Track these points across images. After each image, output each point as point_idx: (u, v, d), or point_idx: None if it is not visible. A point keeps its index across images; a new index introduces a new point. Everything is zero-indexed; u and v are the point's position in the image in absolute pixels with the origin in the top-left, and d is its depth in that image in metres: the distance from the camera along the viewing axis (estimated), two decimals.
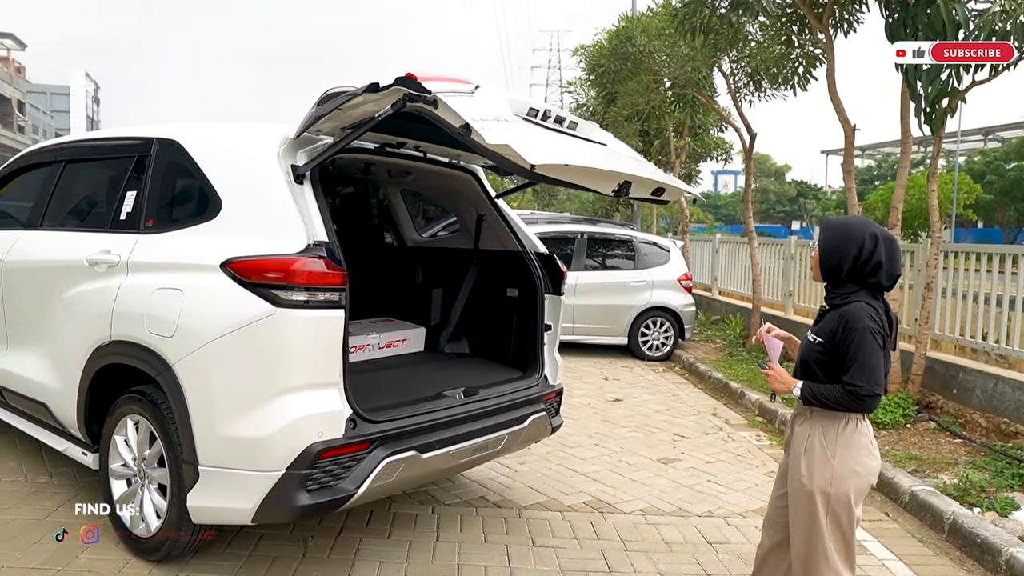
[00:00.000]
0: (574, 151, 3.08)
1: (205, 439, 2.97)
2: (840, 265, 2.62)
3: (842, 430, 2.63)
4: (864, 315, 2.55)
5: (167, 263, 3.26)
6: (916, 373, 6.58)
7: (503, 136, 2.61)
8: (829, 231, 2.69)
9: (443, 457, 3.28)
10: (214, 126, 3.62)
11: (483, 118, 2.69)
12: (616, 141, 3.77)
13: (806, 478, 2.64)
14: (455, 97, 2.73)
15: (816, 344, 2.65)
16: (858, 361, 2.52)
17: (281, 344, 2.83)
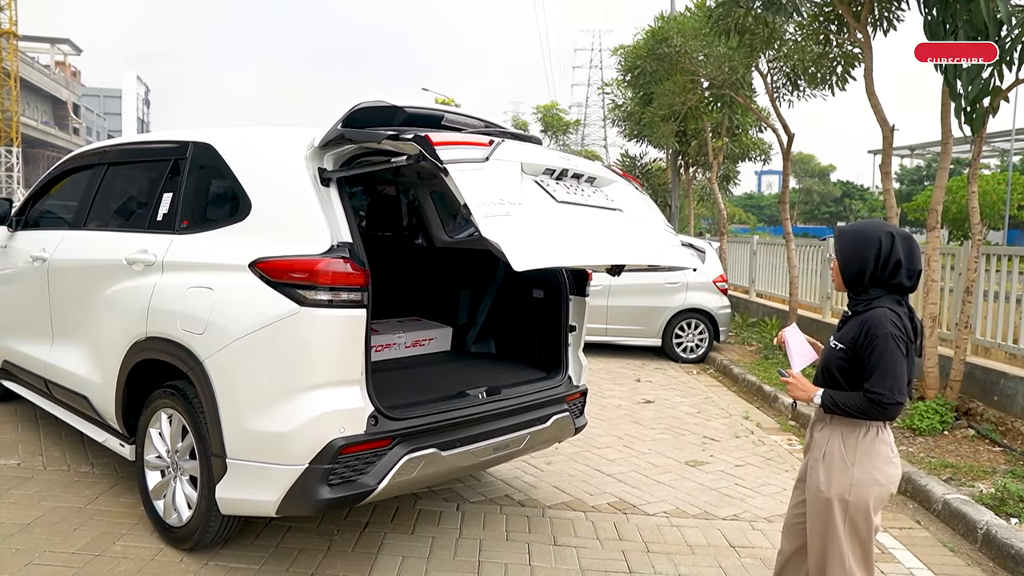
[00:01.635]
0: (574, 237, 3.05)
1: (232, 433, 3.07)
2: (862, 270, 2.58)
3: (862, 438, 2.59)
4: (887, 321, 2.50)
5: (199, 263, 3.38)
6: (955, 379, 6.44)
7: (498, 229, 2.65)
8: (844, 239, 2.66)
9: (464, 455, 3.34)
10: (246, 129, 3.73)
11: (485, 201, 2.72)
12: (635, 197, 3.73)
13: (824, 485, 2.62)
14: (464, 171, 2.76)
15: (838, 351, 2.62)
16: (880, 368, 2.48)
17: (305, 342, 2.92)
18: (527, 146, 3.41)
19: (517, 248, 2.63)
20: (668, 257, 3.48)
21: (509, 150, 3.08)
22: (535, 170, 3.19)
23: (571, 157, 3.56)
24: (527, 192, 3.02)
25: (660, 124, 12.70)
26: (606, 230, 3.27)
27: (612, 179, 3.68)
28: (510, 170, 3.00)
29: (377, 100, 3.30)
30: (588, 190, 3.42)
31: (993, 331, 6.73)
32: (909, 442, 5.94)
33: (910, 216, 44.92)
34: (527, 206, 2.90)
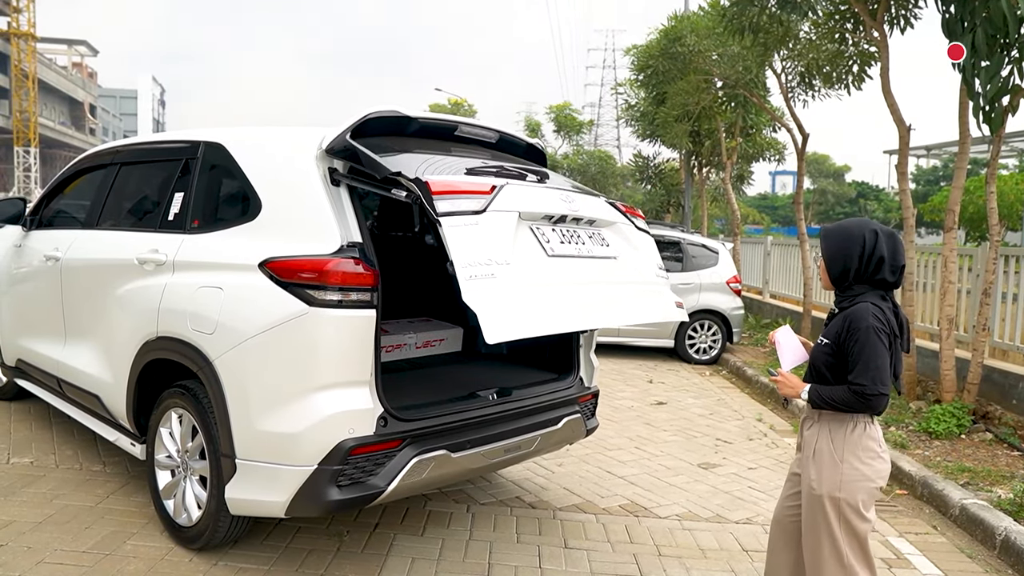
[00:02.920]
0: (554, 303, 3.06)
1: (242, 433, 3.06)
2: (847, 267, 2.63)
3: (850, 433, 2.61)
4: (868, 315, 2.55)
5: (209, 262, 3.37)
6: (972, 382, 6.35)
7: (479, 295, 2.69)
8: (830, 238, 2.69)
9: (474, 457, 3.32)
10: (257, 129, 3.73)
11: (471, 261, 2.74)
12: (633, 238, 3.73)
13: (816, 483, 2.64)
14: (457, 226, 2.77)
15: (823, 346, 2.65)
16: (862, 361, 2.52)
17: (314, 342, 2.90)
18: (530, 189, 3.34)
19: (492, 318, 2.68)
20: (647, 316, 3.61)
21: (509, 197, 3.06)
22: (533, 217, 3.20)
23: (574, 197, 3.49)
24: (520, 245, 3.03)
25: (673, 124, 12.61)
26: (592, 289, 3.29)
27: (612, 219, 3.66)
28: (505, 222, 2.99)
29: (390, 109, 3.30)
30: (585, 235, 3.43)
31: (1011, 333, 6.64)
32: (925, 446, 5.86)
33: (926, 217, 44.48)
34: (515, 264, 2.92)
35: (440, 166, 3.29)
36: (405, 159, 3.26)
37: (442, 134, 3.58)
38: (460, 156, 3.60)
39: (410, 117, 3.35)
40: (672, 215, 18.51)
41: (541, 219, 3.23)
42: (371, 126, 3.21)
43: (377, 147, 3.21)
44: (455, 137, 3.62)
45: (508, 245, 2.94)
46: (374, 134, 3.26)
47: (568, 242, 3.28)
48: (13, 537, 3.57)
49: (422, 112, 3.45)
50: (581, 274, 3.27)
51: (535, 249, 3.10)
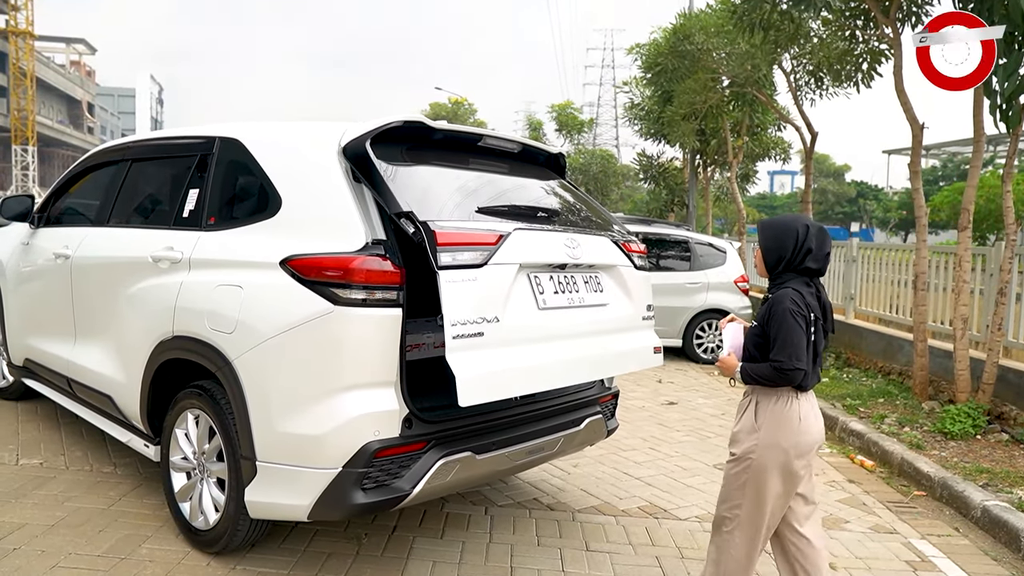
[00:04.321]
0: (534, 363, 3.14)
1: (263, 435, 2.99)
2: (781, 257, 2.88)
3: (773, 404, 2.85)
4: (787, 299, 2.81)
5: (227, 260, 3.30)
6: (987, 382, 6.29)
7: (460, 358, 2.79)
8: (768, 230, 2.93)
9: (498, 459, 3.25)
10: (275, 124, 3.66)
11: (461, 319, 2.82)
12: (628, 280, 3.78)
13: (735, 445, 2.92)
14: (455, 282, 2.83)
15: (754, 329, 2.93)
16: (780, 339, 2.77)
17: (339, 342, 2.83)
18: (536, 235, 3.31)
19: (468, 383, 2.78)
20: (626, 368, 3.82)
21: (513, 248, 3.09)
22: (535, 267, 3.25)
23: (579, 241, 3.49)
24: (513, 299, 3.09)
25: (681, 123, 12.54)
26: (574, 343, 3.39)
27: (612, 263, 3.71)
28: (504, 276, 3.05)
29: (416, 118, 3.25)
30: (581, 280, 3.50)
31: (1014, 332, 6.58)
32: (941, 446, 5.81)
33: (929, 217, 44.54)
34: (504, 320, 3.00)
35: (453, 192, 3.27)
36: (421, 174, 3.22)
37: (466, 145, 3.53)
38: (478, 171, 3.56)
39: (432, 128, 3.29)
40: (676, 214, 18.45)
41: (541, 267, 3.29)
42: (392, 133, 3.16)
43: (395, 157, 3.16)
44: (477, 148, 3.57)
45: (502, 300, 3.02)
46: (394, 141, 3.20)
47: (562, 291, 3.37)
48: (26, 540, 3.51)
49: (445, 124, 3.39)
50: (568, 326, 3.37)
51: (528, 302, 3.18)
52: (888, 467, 5.55)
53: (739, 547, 2.92)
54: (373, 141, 3.09)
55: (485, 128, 3.73)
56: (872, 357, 8.76)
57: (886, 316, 8.96)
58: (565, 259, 3.37)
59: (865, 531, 4.34)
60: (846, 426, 6.35)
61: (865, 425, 6.30)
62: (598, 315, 3.58)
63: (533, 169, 3.96)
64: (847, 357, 9.18)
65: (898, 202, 60.99)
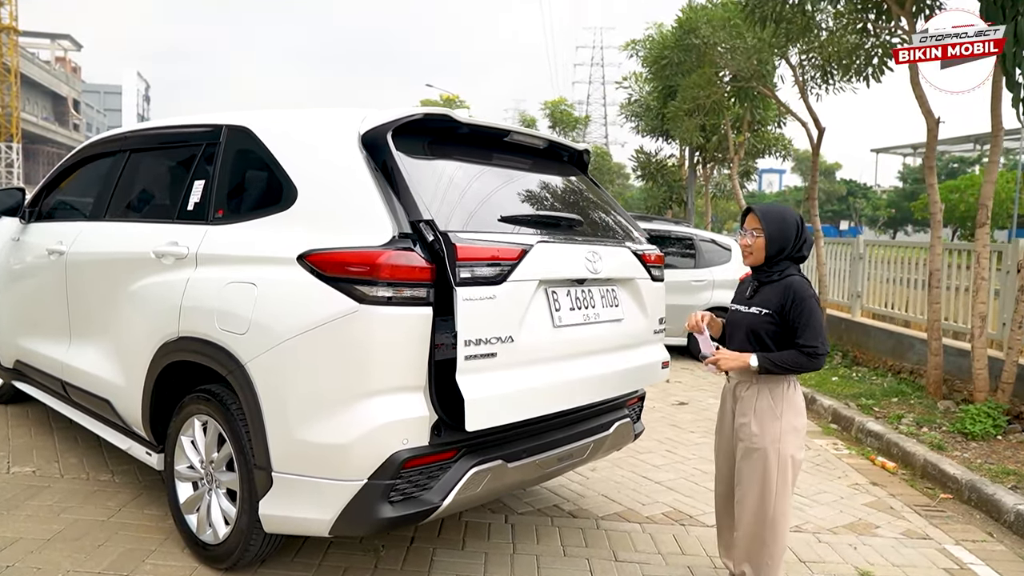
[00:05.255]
0: (544, 384, 3.01)
1: (280, 444, 2.78)
2: (784, 247, 2.98)
3: (786, 391, 2.96)
4: (807, 286, 2.97)
5: (239, 256, 3.09)
6: (1006, 381, 6.16)
7: (470, 381, 2.68)
8: (774, 222, 2.99)
9: (529, 467, 3.06)
10: (287, 111, 3.44)
11: (475, 338, 2.70)
12: (643, 293, 3.68)
13: (758, 438, 2.94)
14: (472, 299, 2.69)
15: (765, 316, 2.95)
16: (811, 325, 2.88)
17: (365, 343, 2.62)
18: (558, 248, 3.15)
19: (477, 407, 2.66)
20: (635, 385, 3.67)
21: (534, 263, 2.95)
22: (554, 282, 3.10)
23: (601, 253, 3.35)
24: (529, 317, 2.96)
25: (684, 118, 12.35)
26: (587, 361, 3.26)
27: (630, 276, 3.59)
28: (523, 293, 2.93)
29: (440, 111, 3.07)
30: (599, 295, 3.38)
31: None
32: (963, 447, 5.66)
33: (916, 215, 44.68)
34: (518, 340, 2.88)
35: (475, 194, 3.09)
36: (442, 172, 3.03)
37: (492, 140, 3.33)
38: (502, 168, 3.37)
39: (458, 122, 3.09)
40: (674, 211, 18.29)
41: (560, 282, 3.14)
42: (413, 125, 2.97)
43: (416, 151, 2.97)
44: (502, 144, 3.37)
45: (518, 319, 2.90)
46: (416, 134, 3.00)
47: (579, 308, 3.24)
48: (21, 556, 3.28)
49: (472, 118, 3.19)
50: (582, 343, 3.25)
51: (543, 320, 3.05)
52: (911, 469, 5.40)
53: (778, 532, 2.99)
54: (394, 133, 2.89)
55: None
56: (881, 355, 8.63)
57: (895, 314, 8.83)
58: (585, 274, 3.23)
59: (898, 536, 4.18)
60: (863, 427, 6.20)
61: (883, 426, 6.15)
62: (612, 331, 3.45)
63: (557, 166, 3.77)
64: (855, 355, 9.05)
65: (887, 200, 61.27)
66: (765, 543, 3.00)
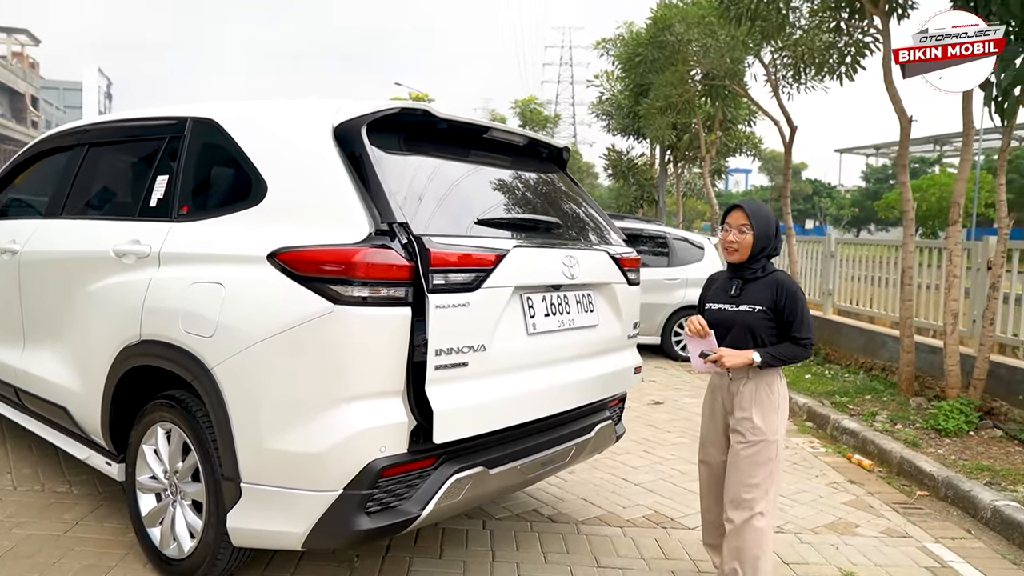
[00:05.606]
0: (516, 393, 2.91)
1: (249, 453, 2.64)
2: (766, 244, 3.02)
3: (778, 383, 3.05)
4: (793, 280, 3.06)
5: (204, 254, 2.93)
6: (978, 378, 6.20)
7: (440, 392, 2.59)
8: (761, 218, 3.02)
9: (511, 472, 2.95)
10: (256, 103, 3.29)
11: (446, 347, 2.61)
12: (619, 296, 3.59)
13: (760, 430, 2.99)
14: (444, 306, 2.59)
15: (759, 312, 3.00)
16: (805, 319, 2.98)
17: (339, 346, 2.49)
18: (535, 253, 3.05)
19: (446, 417, 2.58)
20: (607, 392, 3.54)
21: (510, 268, 2.84)
22: (530, 288, 3.00)
23: (578, 257, 3.25)
24: (503, 324, 2.86)
25: (657, 116, 12.33)
26: (559, 369, 3.18)
27: (607, 280, 3.51)
28: (497, 300, 2.82)
29: (420, 106, 2.94)
30: (574, 300, 3.30)
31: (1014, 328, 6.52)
32: (937, 444, 5.68)
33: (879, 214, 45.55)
34: (491, 349, 2.79)
35: (451, 194, 2.97)
36: (417, 169, 2.90)
37: (471, 136, 3.21)
38: (479, 166, 3.26)
39: (436, 117, 2.97)
40: (645, 210, 18.32)
41: (536, 288, 3.05)
42: (389, 120, 2.84)
43: (391, 146, 2.84)
44: (480, 140, 3.25)
45: (491, 327, 2.80)
46: (391, 129, 2.87)
47: (554, 313, 3.16)
48: None
49: (451, 113, 3.07)
50: (555, 351, 3.17)
51: (517, 327, 2.96)
52: (887, 466, 5.40)
53: (770, 525, 3.04)
54: (369, 127, 2.76)
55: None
56: (853, 353, 8.68)
57: (863, 311, 8.90)
58: (562, 279, 3.15)
59: (878, 535, 4.16)
60: (839, 424, 6.20)
61: (858, 423, 6.15)
62: (587, 337, 3.37)
63: (536, 164, 3.66)
64: (826, 353, 9.09)
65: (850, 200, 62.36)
66: (761, 525, 3.03)
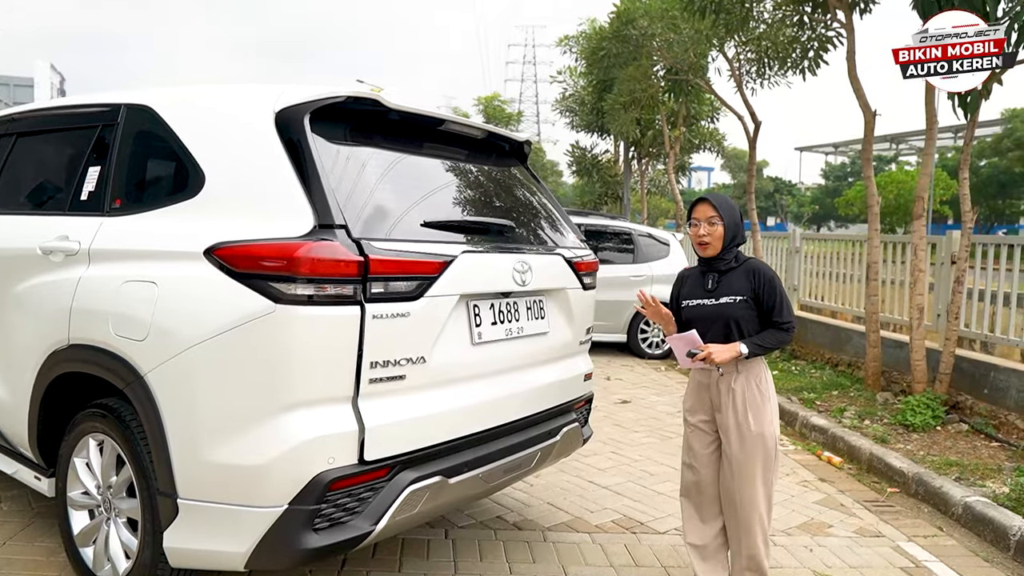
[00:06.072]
0: (456, 407, 2.75)
1: (186, 466, 2.42)
2: (736, 233, 3.01)
3: (764, 373, 3.01)
4: (768, 266, 3.06)
5: (137, 250, 2.70)
6: (944, 372, 6.19)
7: (372, 408, 2.44)
8: (727, 208, 3.01)
9: (473, 481, 2.77)
10: (194, 88, 3.06)
11: (382, 359, 2.45)
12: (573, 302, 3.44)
13: (756, 425, 2.93)
14: (382, 316, 2.43)
15: (741, 303, 2.95)
16: (783, 302, 2.96)
17: (282, 349, 2.28)
18: (484, 258, 2.89)
19: (378, 433, 2.43)
20: (554, 401, 3.33)
21: (456, 276, 2.68)
22: (478, 296, 2.86)
23: (530, 263, 3.08)
24: (445, 335, 2.70)
25: (621, 112, 12.23)
26: (505, 379, 3.02)
27: (560, 286, 3.35)
28: (440, 309, 2.65)
29: (368, 94, 2.69)
30: (524, 307, 3.14)
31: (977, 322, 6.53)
32: (905, 439, 5.65)
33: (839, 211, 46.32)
34: (432, 360, 2.63)
35: (399, 191, 2.77)
36: (364, 163, 2.68)
37: (425, 129, 3.01)
38: (433, 160, 3.06)
39: (387, 108, 2.76)
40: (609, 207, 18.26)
41: (484, 296, 2.88)
42: (336, 109, 2.62)
43: (336, 137, 2.63)
44: (439, 132, 3.05)
45: (432, 337, 2.63)
46: (337, 119, 2.66)
47: (502, 322, 3.00)
48: None
49: (404, 103, 2.86)
50: (502, 360, 3.01)
51: (461, 337, 2.79)
52: (857, 463, 5.35)
53: (768, 519, 3.03)
54: (313, 115, 2.54)
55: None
56: (819, 349, 8.67)
57: (829, 307, 8.90)
58: (512, 286, 2.98)
59: (851, 535, 4.07)
60: (807, 421, 6.14)
61: (827, 420, 6.10)
62: (536, 345, 3.21)
63: (495, 159, 3.47)
64: (793, 349, 9.08)
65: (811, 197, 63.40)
66: (763, 522, 3.01)
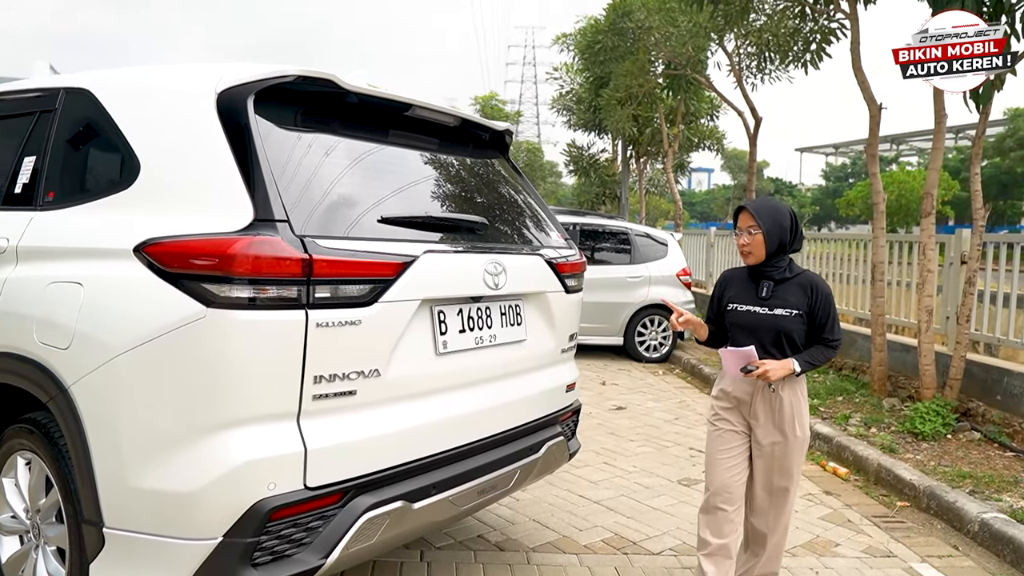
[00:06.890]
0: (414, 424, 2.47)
1: (111, 492, 2.14)
2: (783, 240, 2.89)
3: (801, 382, 2.97)
4: (824, 281, 2.96)
5: (65, 248, 2.42)
6: (954, 378, 5.91)
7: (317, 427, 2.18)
8: (767, 214, 2.89)
9: (441, 505, 2.48)
10: (136, 69, 2.77)
11: (329, 373, 2.19)
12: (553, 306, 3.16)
13: (800, 430, 2.92)
14: (330, 324, 2.16)
15: (795, 317, 2.88)
16: (836, 320, 2.93)
17: (216, 359, 2.00)
18: (450, 259, 2.62)
19: (322, 456, 2.16)
20: (531, 416, 3.03)
21: (417, 279, 2.42)
22: (444, 301, 2.60)
23: (504, 264, 2.81)
24: (405, 344, 2.43)
25: (617, 108, 11.93)
26: (474, 393, 2.74)
27: (539, 290, 3.08)
28: (398, 316, 2.39)
29: (321, 74, 2.40)
30: (497, 312, 2.87)
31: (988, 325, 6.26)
32: (914, 449, 5.36)
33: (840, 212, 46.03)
34: (387, 374, 2.36)
35: (357, 182, 2.50)
36: (317, 151, 2.41)
37: (389, 115, 2.72)
38: (399, 149, 2.78)
39: (345, 90, 2.47)
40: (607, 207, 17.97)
41: (450, 300, 2.60)
42: (287, 89, 2.35)
43: (286, 121, 2.36)
44: (406, 118, 2.76)
45: (388, 348, 2.37)
46: (288, 101, 2.38)
47: (471, 329, 2.73)
48: None
49: (363, 85, 2.57)
50: (471, 372, 2.74)
51: (424, 347, 2.53)
52: (864, 474, 5.06)
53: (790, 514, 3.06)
54: (258, 97, 2.27)
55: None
56: None
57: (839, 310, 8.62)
58: (483, 290, 2.70)
59: (860, 555, 3.79)
60: (812, 429, 5.85)
61: (831, 427, 5.82)
62: (511, 355, 2.93)
63: (470, 150, 3.18)
64: None
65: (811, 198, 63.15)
66: (786, 529, 3.06)
